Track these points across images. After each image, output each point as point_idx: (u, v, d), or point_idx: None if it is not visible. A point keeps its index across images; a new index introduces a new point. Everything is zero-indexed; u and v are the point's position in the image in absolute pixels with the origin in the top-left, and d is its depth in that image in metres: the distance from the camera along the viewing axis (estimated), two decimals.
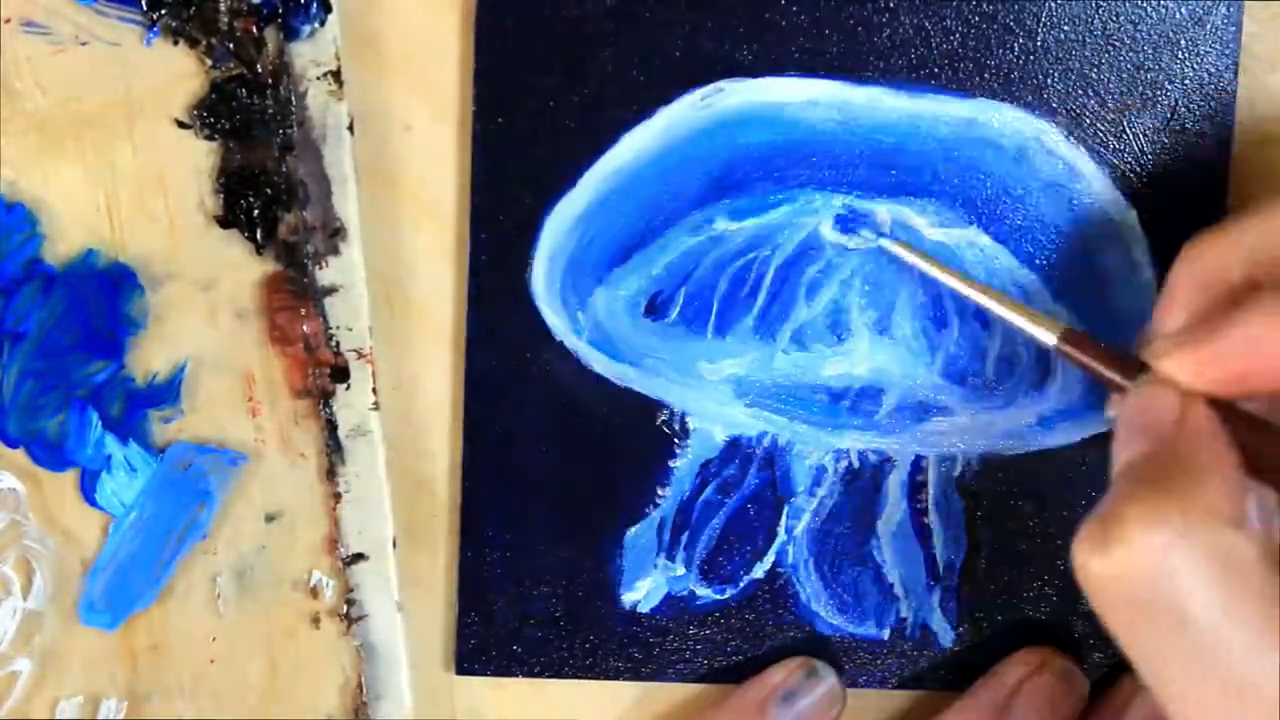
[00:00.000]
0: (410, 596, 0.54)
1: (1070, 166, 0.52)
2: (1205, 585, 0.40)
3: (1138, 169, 0.52)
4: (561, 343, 0.53)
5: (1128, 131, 0.52)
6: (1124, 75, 0.51)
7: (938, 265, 0.51)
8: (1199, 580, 0.40)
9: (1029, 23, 0.51)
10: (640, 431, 0.53)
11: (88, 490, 0.52)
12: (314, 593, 0.53)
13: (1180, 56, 0.51)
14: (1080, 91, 0.51)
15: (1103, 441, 0.53)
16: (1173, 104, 0.51)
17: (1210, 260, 0.45)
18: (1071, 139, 0.52)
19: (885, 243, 0.51)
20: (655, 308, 0.53)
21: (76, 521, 0.52)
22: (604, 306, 0.52)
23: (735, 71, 0.52)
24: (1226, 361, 0.43)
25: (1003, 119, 0.52)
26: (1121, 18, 0.51)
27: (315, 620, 0.53)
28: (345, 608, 0.52)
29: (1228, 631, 0.39)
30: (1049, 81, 0.51)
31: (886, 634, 0.54)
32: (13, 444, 0.51)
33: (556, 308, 0.52)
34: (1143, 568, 0.40)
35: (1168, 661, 0.41)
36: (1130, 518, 0.40)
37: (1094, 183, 0.52)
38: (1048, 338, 0.47)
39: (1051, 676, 0.52)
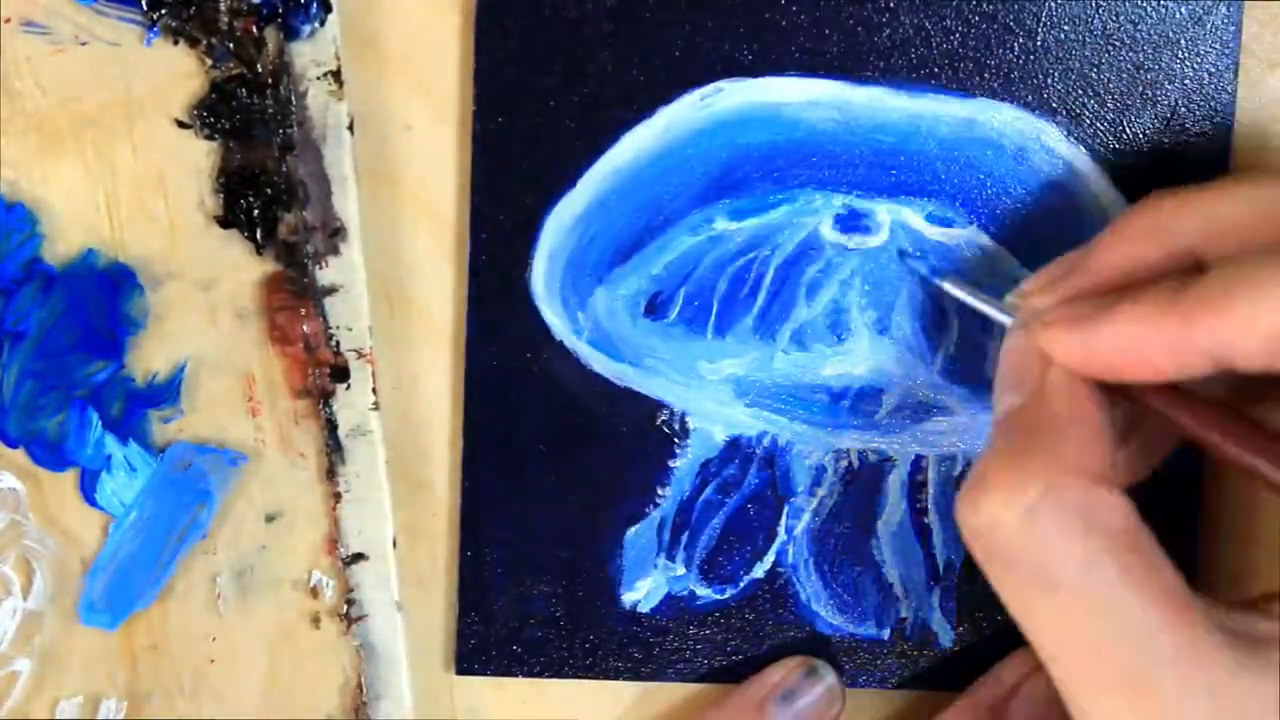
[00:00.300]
0: (410, 596, 0.54)
1: (1070, 166, 0.52)
2: (1068, 542, 0.41)
3: (1137, 168, 0.52)
4: (561, 342, 0.53)
5: (1127, 131, 0.52)
6: (1124, 75, 0.51)
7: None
8: (1062, 537, 0.41)
9: (1029, 22, 0.51)
10: (640, 431, 0.53)
11: (88, 490, 0.52)
12: (314, 593, 0.53)
13: (1180, 56, 0.51)
14: (1080, 91, 0.51)
15: None
16: (1172, 104, 0.51)
17: (1165, 218, 0.45)
18: (1071, 139, 0.52)
19: (948, 286, 0.51)
20: (655, 308, 0.53)
21: (76, 521, 0.52)
22: (604, 306, 0.52)
23: (735, 71, 0.52)
24: (1096, 352, 0.43)
25: (1003, 119, 0.52)
26: (1121, 17, 0.51)
27: (315, 620, 0.53)
28: (345, 608, 0.53)
29: (1091, 587, 0.40)
30: (1049, 81, 0.51)
31: (887, 634, 0.54)
32: (13, 444, 0.51)
33: (556, 308, 0.52)
34: (1009, 525, 0.41)
35: (1039, 618, 0.42)
36: (997, 476, 0.42)
37: (1094, 182, 0.52)
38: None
39: (1045, 682, 0.52)
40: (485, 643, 0.54)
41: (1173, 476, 0.51)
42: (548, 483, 0.53)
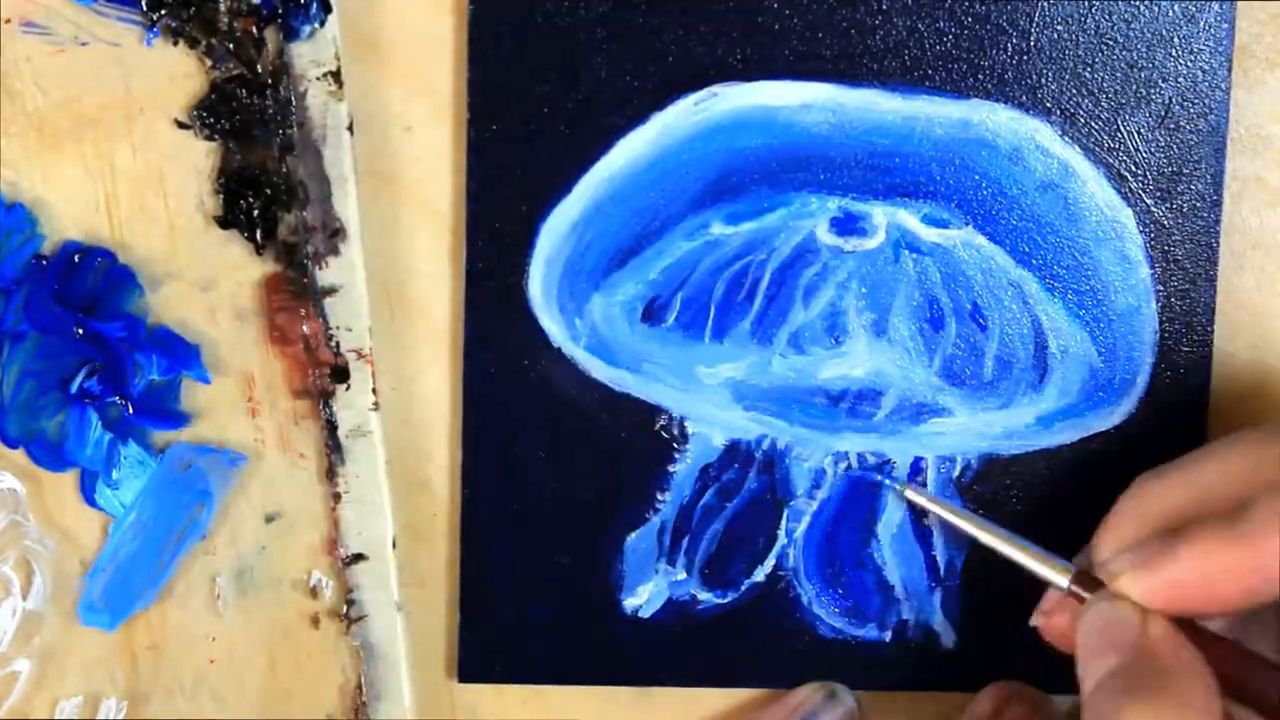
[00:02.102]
0: (410, 596, 0.53)
1: (1065, 166, 0.52)
2: None
3: (1133, 167, 0.52)
4: (559, 349, 0.53)
5: (1122, 130, 0.52)
6: (1118, 74, 0.52)
7: (955, 511, 0.51)
8: None
9: (1022, 23, 0.52)
10: (639, 437, 0.53)
11: (88, 490, 0.51)
12: (314, 593, 0.52)
13: (1174, 54, 0.52)
14: (1074, 91, 0.52)
15: (1102, 441, 0.53)
16: (1167, 102, 0.52)
17: (1154, 496, 0.46)
18: (1066, 138, 0.52)
19: (909, 494, 0.52)
20: (652, 313, 0.53)
21: (76, 521, 0.52)
22: (601, 312, 0.53)
23: (729, 76, 0.52)
24: (1179, 581, 0.44)
25: (997, 119, 0.52)
26: (1115, 17, 0.52)
27: (315, 620, 0.53)
28: (345, 608, 0.52)
29: None
30: (1043, 81, 0.52)
31: (888, 636, 0.54)
32: (13, 444, 0.51)
33: (554, 314, 0.52)
34: None
35: None
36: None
37: (1089, 182, 0.52)
38: (1060, 580, 0.48)
39: (1022, 707, 0.52)
40: (487, 651, 0.53)
41: None
42: (547, 490, 0.53)
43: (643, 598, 0.54)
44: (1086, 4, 0.51)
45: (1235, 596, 0.43)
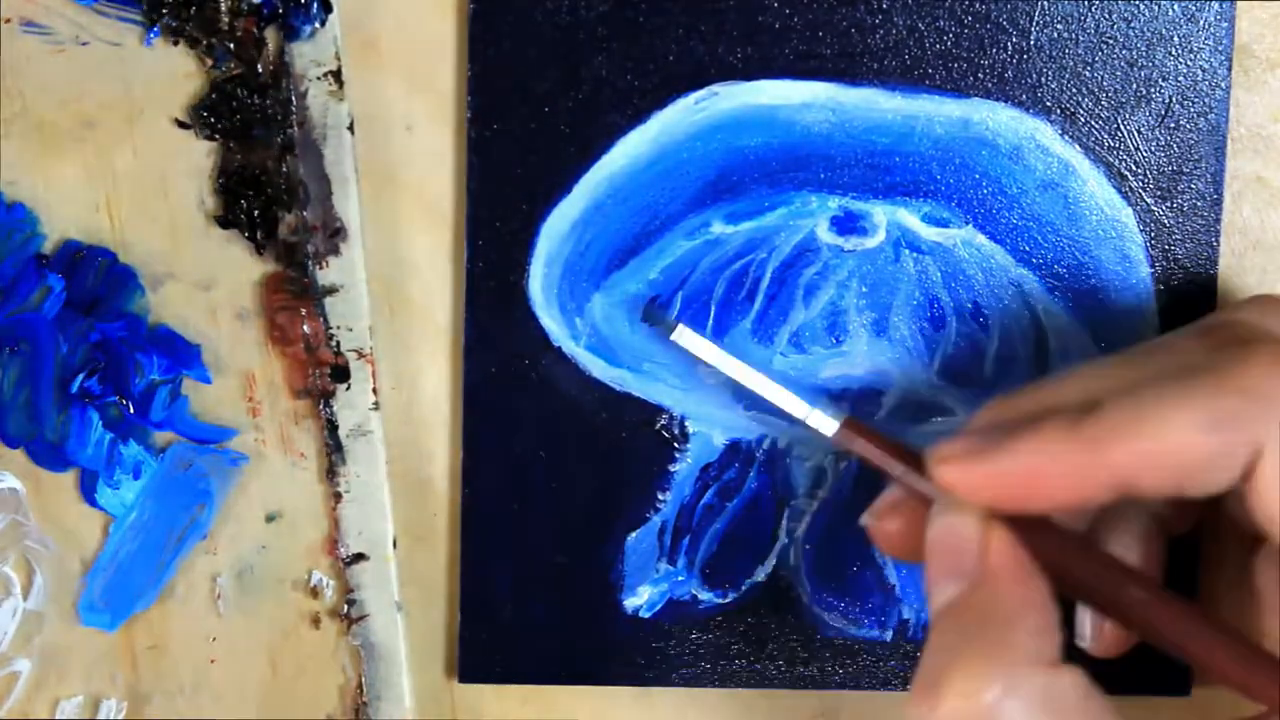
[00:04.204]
0: (410, 596, 0.53)
1: (1065, 165, 0.52)
2: None
3: (1133, 166, 0.52)
4: (560, 348, 0.53)
5: (1122, 129, 0.52)
6: (1118, 73, 0.52)
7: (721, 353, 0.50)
8: None
9: (1022, 22, 0.52)
10: (640, 436, 0.53)
11: (88, 490, 0.51)
12: (314, 593, 0.52)
13: (1174, 53, 0.52)
14: (1074, 90, 0.52)
15: None
16: (1167, 101, 0.52)
17: (1027, 393, 0.44)
18: (1066, 137, 0.52)
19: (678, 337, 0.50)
20: (653, 312, 0.53)
21: (76, 521, 0.52)
22: (602, 311, 0.53)
23: (729, 75, 0.52)
24: (1006, 474, 0.42)
25: (997, 118, 0.52)
26: (1114, 15, 0.52)
27: (315, 620, 0.53)
28: (345, 608, 0.52)
29: None
30: (1043, 80, 0.52)
31: (889, 635, 0.54)
32: (13, 444, 0.51)
33: (554, 313, 0.52)
34: None
35: None
36: (952, 676, 0.41)
37: (1089, 181, 0.52)
38: (828, 428, 0.47)
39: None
40: (488, 651, 0.53)
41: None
42: (548, 489, 0.53)
43: (643, 597, 0.54)
44: (1086, 3, 0.51)
45: (1065, 497, 0.41)
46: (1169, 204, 0.52)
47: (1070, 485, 0.41)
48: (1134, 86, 0.52)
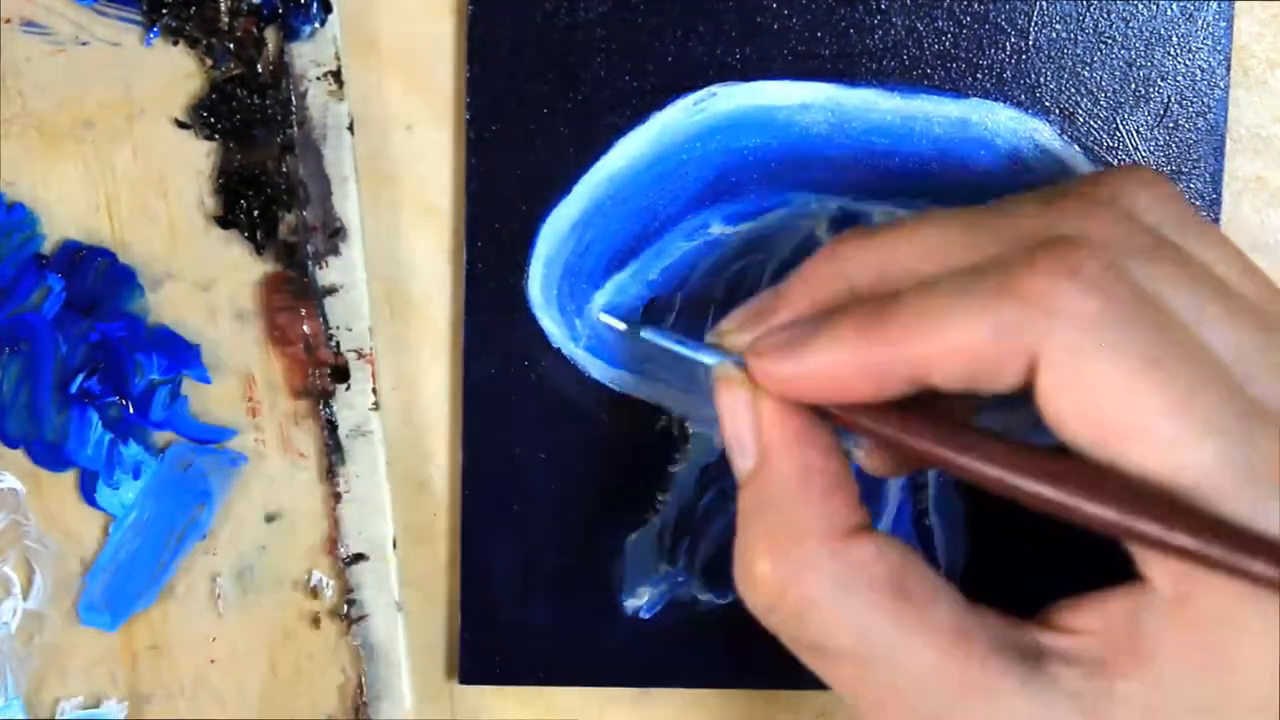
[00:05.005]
0: (410, 596, 0.53)
1: (1064, 165, 0.52)
2: (835, 609, 0.40)
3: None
4: (559, 350, 0.53)
5: (1121, 129, 0.52)
6: (1116, 73, 0.52)
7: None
8: (829, 604, 0.40)
9: (1020, 22, 0.52)
10: (639, 437, 0.53)
11: (88, 490, 0.51)
12: (314, 593, 0.52)
13: (1172, 53, 0.52)
14: (1073, 90, 0.52)
15: None
16: (1165, 100, 0.52)
17: (845, 258, 0.43)
18: (1065, 137, 0.52)
19: (647, 334, 0.49)
20: (652, 313, 0.53)
21: (76, 521, 0.52)
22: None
23: (727, 75, 0.52)
24: (803, 379, 0.41)
25: (996, 119, 0.52)
26: (1113, 15, 0.52)
27: (315, 620, 0.52)
28: (345, 608, 0.52)
29: (868, 646, 0.40)
30: (1042, 80, 0.52)
31: None
32: (13, 444, 0.51)
33: (554, 315, 0.52)
34: (783, 603, 0.41)
35: (836, 683, 0.42)
36: (755, 556, 0.41)
37: None
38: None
39: None
40: (489, 653, 0.53)
41: None
42: (548, 491, 0.53)
43: (643, 598, 0.54)
44: (1085, 3, 0.52)
45: (864, 391, 0.41)
46: None
47: (867, 381, 0.40)
48: (1133, 86, 0.52)
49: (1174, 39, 0.52)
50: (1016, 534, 0.53)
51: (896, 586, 0.40)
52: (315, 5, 0.50)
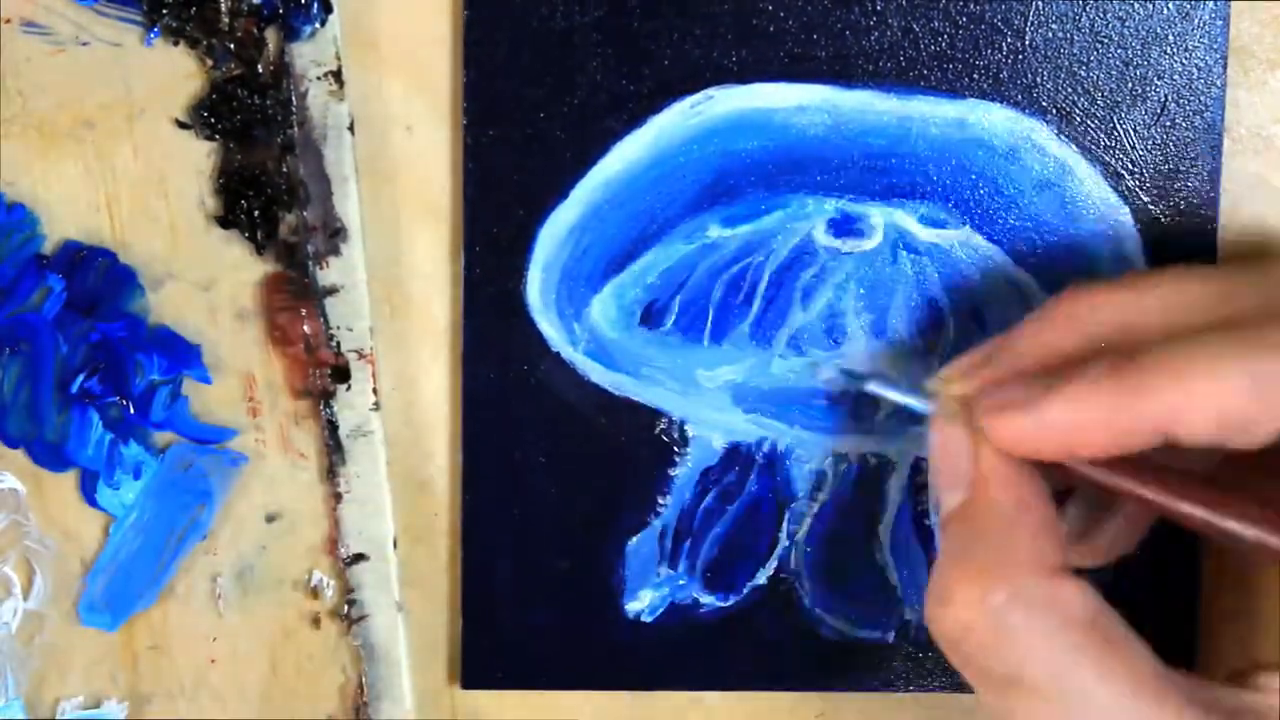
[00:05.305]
0: (410, 597, 0.53)
1: (1062, 164, 0.52)
2: (1036, 641, 0.41)
3: (1129, 165, 0.52)
4: (558, 353, 0.53)
5: (1118, 128, 0.52)
6: (1113, 72, 0.52)
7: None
8: (1030, 637, 0.41)
9: (1017, 22, 0.52)
10: (639, 441, 0.53)
11: (88, 490, 0.51)
12: (314, 593, 0.52)
13: (1169, 52, 0.52)
14: (1070, 89, 0.52)
15: None
16: (1162, 99, 0.52)
17: (1086, 308, 0.44)
18: (1062, 137, 0.52)
19: (871, 387, 0.49)
20: (651, 316, 0.53)
21: (76, 521, 0.52)
22: (600, 316, 0.53)
23: (724, 78, 0.52)
24: (1045, 432, 0.42)
25: (993, 119, 0.52)
26: (1109, 15, 0.52)
27: (315, 620, 0.52)
28: (345, 608, 0.52)
29: (1063, 684, 0.40)
30: (1038, 80, 0.52)
31: (891, 637, 0.54)
32: (13, 444, 0.51)
33: (552, 319, 0.52)
34: (980, 632, 0.41)
35: (1019, 717, 0.41)
36: (959, 583, 0.42)
37: (1086, 180, 0.52)
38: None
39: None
40: (490, 657, 0.53)
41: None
42: (548, 495, 0.53)
43: (644, 601, 0.53)
44: (1081, 3, 0.52)
45: (1105, 445, 0.41)
46: (1165, 202, 0.52)
47: (1110, 433, 0.41)
48: (1129, 85, 0.52)
49: (1170, 38, 0.52)
50: None
51: (1099, 629, 0.41)
52: (315, 5, 0.50)
